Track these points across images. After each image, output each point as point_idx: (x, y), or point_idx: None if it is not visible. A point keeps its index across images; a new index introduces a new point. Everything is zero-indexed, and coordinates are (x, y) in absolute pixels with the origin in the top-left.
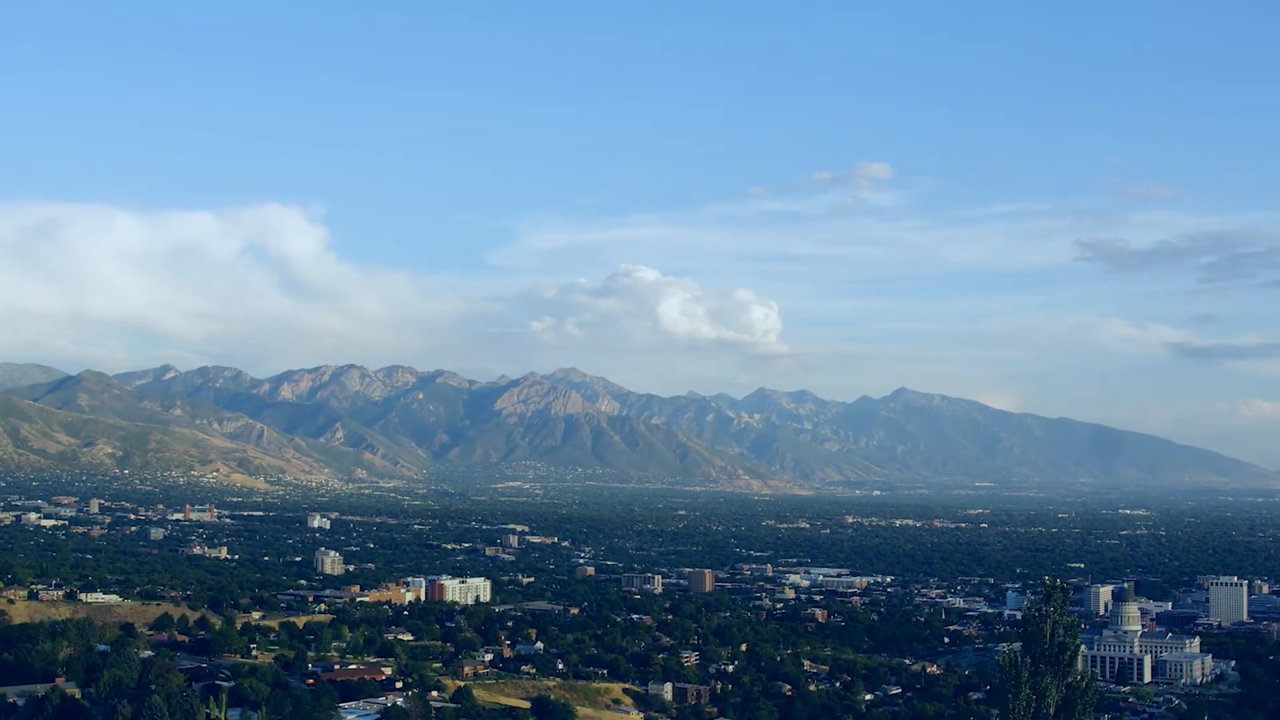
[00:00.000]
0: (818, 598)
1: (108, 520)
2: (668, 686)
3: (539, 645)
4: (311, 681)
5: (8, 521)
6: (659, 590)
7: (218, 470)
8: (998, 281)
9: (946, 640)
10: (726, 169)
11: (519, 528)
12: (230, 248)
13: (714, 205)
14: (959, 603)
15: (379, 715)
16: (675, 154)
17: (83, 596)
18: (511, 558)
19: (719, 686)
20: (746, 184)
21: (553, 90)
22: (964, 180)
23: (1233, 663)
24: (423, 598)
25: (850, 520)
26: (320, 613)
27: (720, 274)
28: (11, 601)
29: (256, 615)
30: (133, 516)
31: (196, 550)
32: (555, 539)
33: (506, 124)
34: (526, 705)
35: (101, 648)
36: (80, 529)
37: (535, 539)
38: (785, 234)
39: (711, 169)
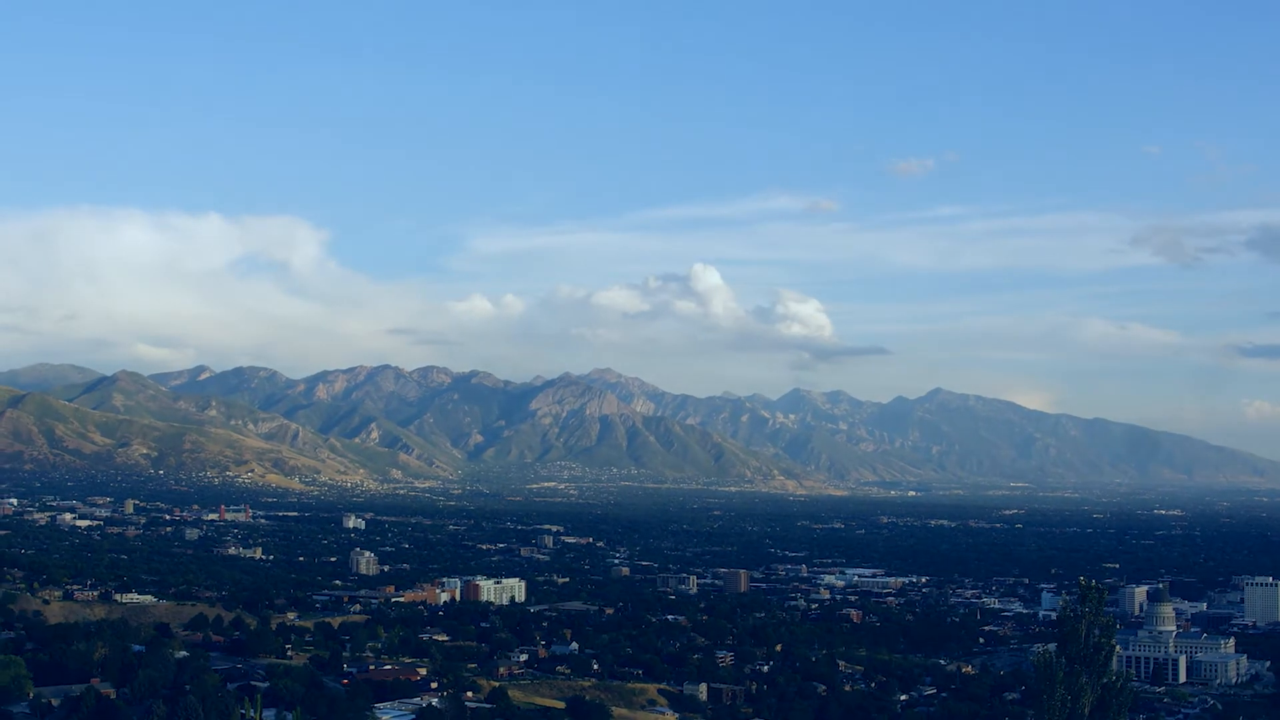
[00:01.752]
0: (853, 598)
1: (143, 520)
2: (703, 687)
3: (574, 645)
4: (346, 682)
5: (43, 522)
6: (694, 590)
7: (253, 470)
8: (1033, 281)
9: (982, 640)
10: (750, 167)
11: (554, 528)
12: (250, 251)
13: (742, 202)
14: (994, 603)
15: (414, 716)
16: (712, 150)
17: (118, 597)
18: (546, 558)
19: (754, 687)
20: (766, 183)
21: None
22: (999, 179)
23: (1268, 663)
24: (458, 598)
25: (885, 520)
26: (355, 613)
27: (761, 274)
28: (47, 602)
29: (292, 616)
30: (168, 517)
31: (231, 551)
32: (590, 539)
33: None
34: (562, 705)
35: (137, 648)
36: (115, 529)
37: (570, 539)
38: (821, 232)
39: (732, 166)
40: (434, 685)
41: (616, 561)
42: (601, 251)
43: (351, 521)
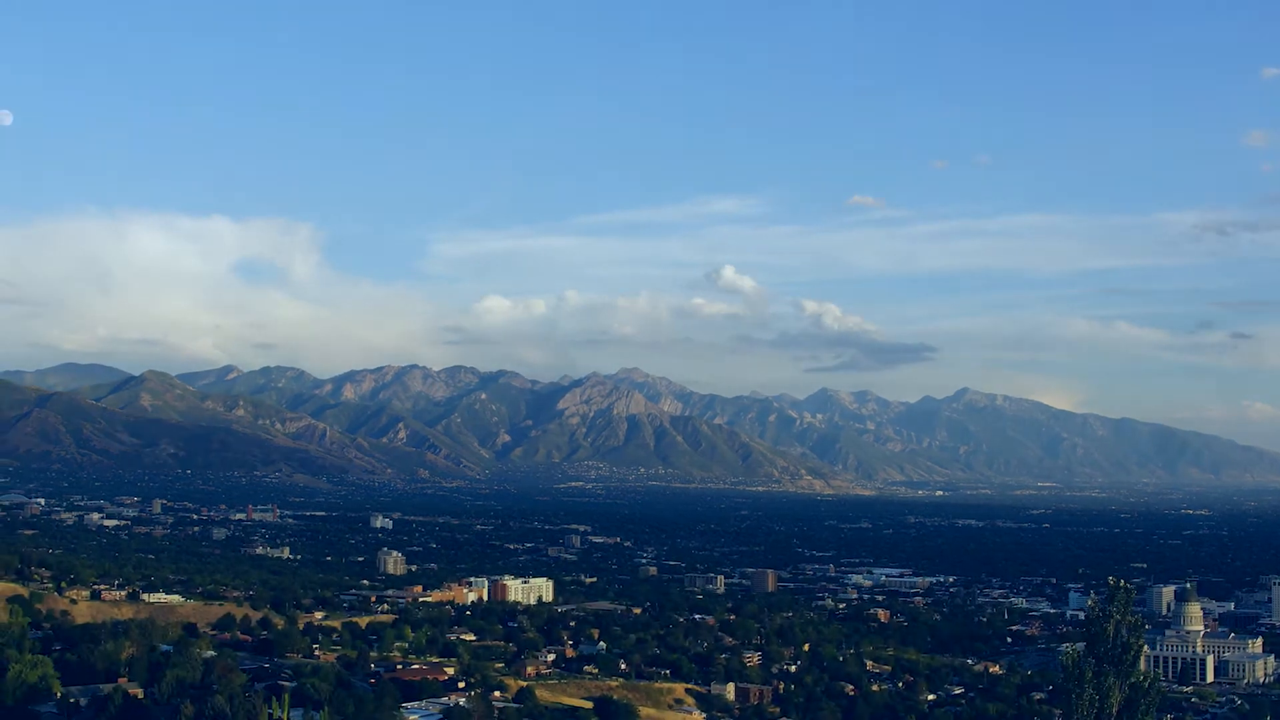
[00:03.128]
0: (880, 598)
1: (170, 520)
2: (730, 686)
3: (601, 645)
4: (374, 681)
5: (70, 521)
6: (721, 590)
7: (280, 470)
8: (1062, 281)
9: (1009, 640)
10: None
11: (581, 527)
12: (260, 253)
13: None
14: (1021, 603)
15: (442, 715)
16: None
17: (145, 596)
18: (574, 558)
19: (781, 686)
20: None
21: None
22: (1029, 180)
23: None
24: (485, 598)
25: (913, 520)
26: (383, 613)
27: (788, 275)
28: (74, 602)
29: (319, 615)
30: (195, 516)
31: (259, 550)
32: (618, 539)
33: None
34: (589, 705)
35: (164, 648)
36: (143, 529)
37: (598, 539)
38: (854, 233)
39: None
40: (461, 685)
41: (644, 561)
42: (620, 253)
43: (379, 521)
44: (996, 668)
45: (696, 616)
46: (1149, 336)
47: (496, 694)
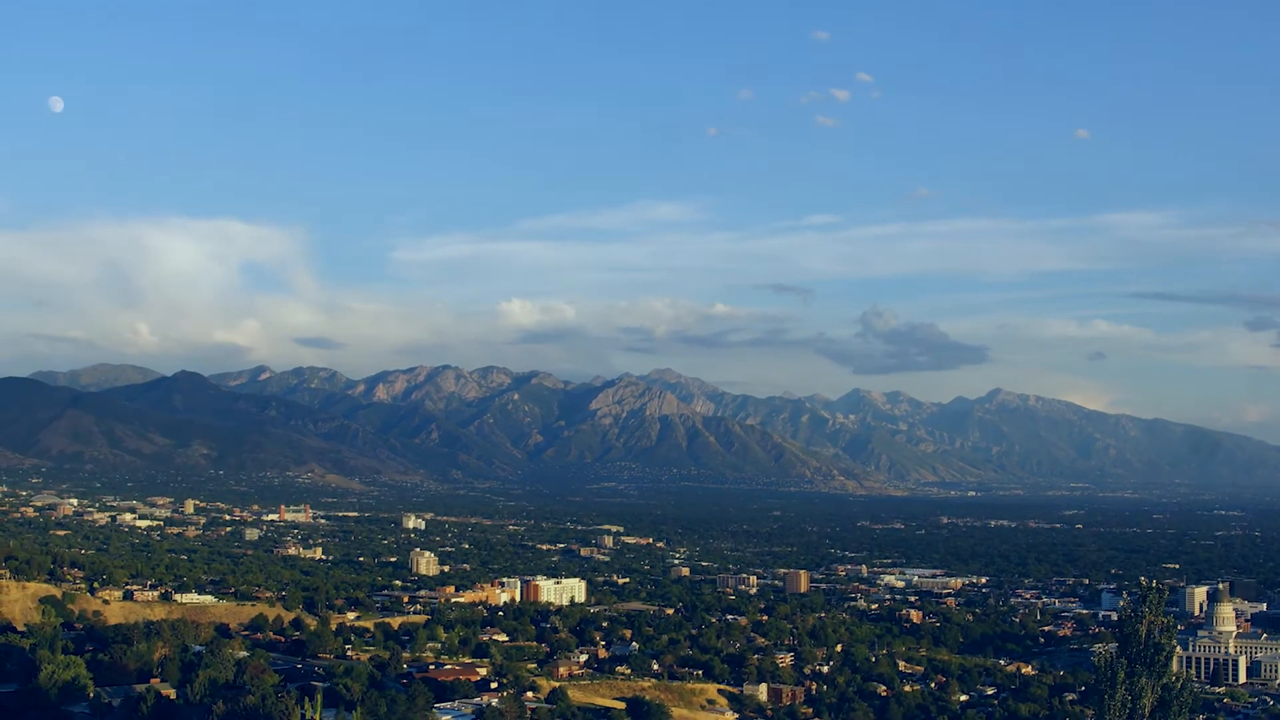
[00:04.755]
0: (912, 598)
1: (202, 521)
2: (762, 687)
3: (634, 646)
4: (406, 682)
5: (103, 522)
6: (754, 591)
7: (312, 471)
8: (1093, 281)
9: (1041, 641)
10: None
11: (614, 528)
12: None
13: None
14: (1054, 603)
15: (474, 716)
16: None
17: (178, 597)
18: (606, 558)
19: (814, 687)
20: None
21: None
22: (1063, 185)
23: None
24: (518, 598)
25: (945, 521)
26: (415, 613)
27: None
28: (107, 602)
29: (351, 616)
30: (227, 517)
31: (291, 551)
32: (650, 539)
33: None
34: (621, 706)
35: (196, 648)
36: (175, 529)
37: (630, 539)
38: (882, 236)
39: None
40: (494, 685)
41: (676, 562)
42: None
43: (411, 522)
44: (1029, 668)
45: (729, 617)
46: (1181, 338)
47: (529, 695)
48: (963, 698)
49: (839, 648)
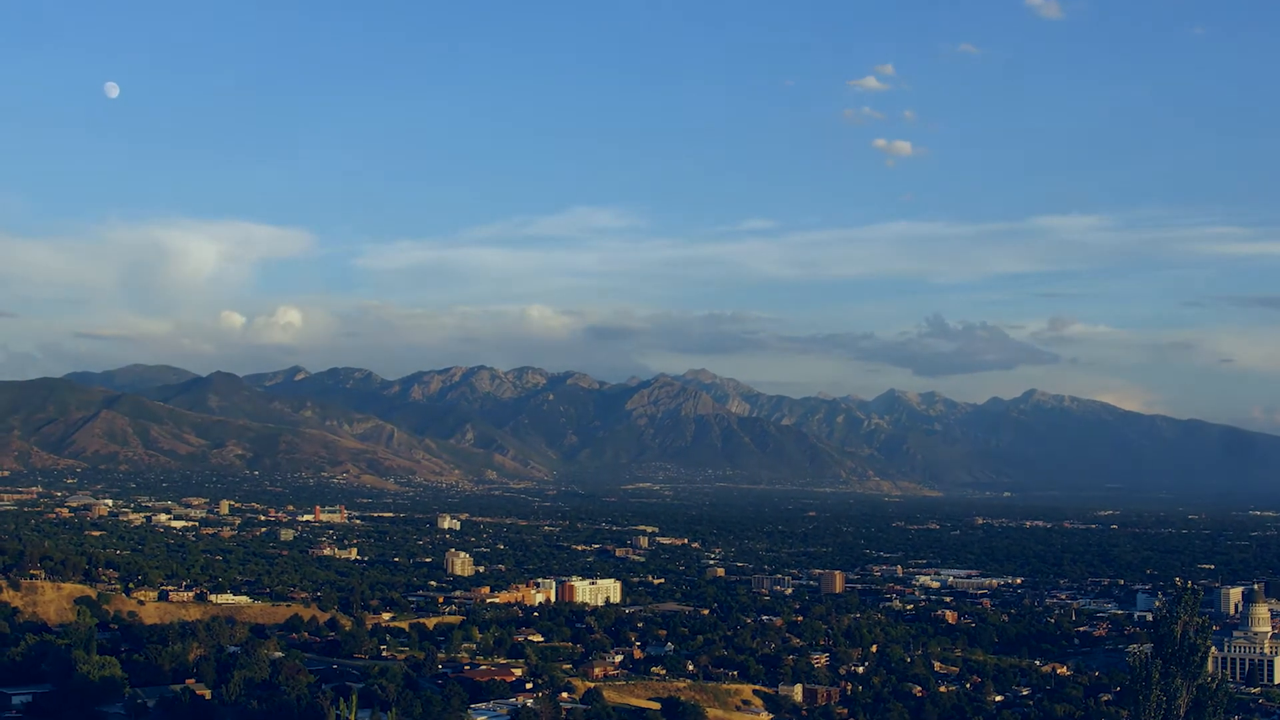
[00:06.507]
0: (948, 599)
1: (237, 521)
2: (798, 688)
3: (669, 646)
4: (441, 682)
5: (138, 523)
6: (789, 591)
7: (348, 471)
8: (1127, 283)
9: (1076, 641)
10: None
11: (649, 529)
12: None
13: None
14: (1089, 604)
15: (509, 716)
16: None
17: (213, 597)
18: (641, 559)
19: (849, 688)
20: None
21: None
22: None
23: None
24: (553, 599)
25: (980, 521)
26: (450, 614)
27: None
28: (142, 603)
29: (386, 616)
30: (262, 518)
31: (326, 551)
32: (685, 540)
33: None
34: (657, 706)
35: (232, 649)
36: (210, 530)
37: (665, 540)
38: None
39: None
40: (529, 686)
41: (711, 562)
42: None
43: (446, 522)
44: (1064, 669)
45: (764, 618)
46: (1215, 339)
47: (564, 695)
48: (998, 698)
49: (874, 648)
